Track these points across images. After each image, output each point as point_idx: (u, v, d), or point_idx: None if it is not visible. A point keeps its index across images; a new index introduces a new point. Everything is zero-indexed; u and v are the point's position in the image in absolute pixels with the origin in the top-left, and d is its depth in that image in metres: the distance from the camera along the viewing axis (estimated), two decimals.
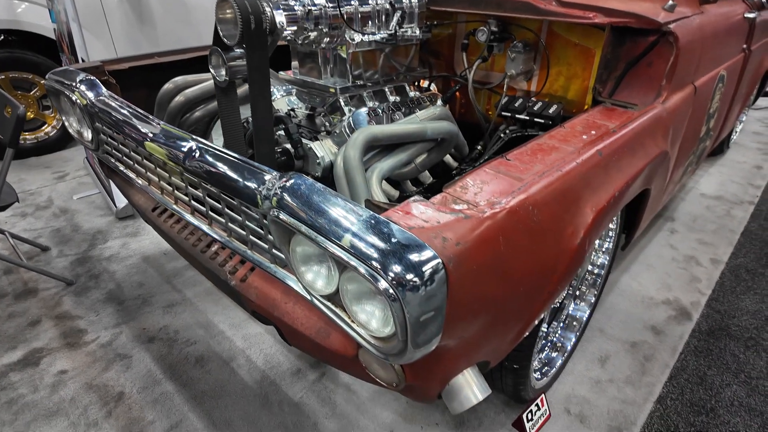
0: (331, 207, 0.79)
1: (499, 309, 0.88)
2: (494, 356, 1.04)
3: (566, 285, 1.01)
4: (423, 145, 1.36)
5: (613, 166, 1.10)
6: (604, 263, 1.63)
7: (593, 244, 1.04)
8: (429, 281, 0.70)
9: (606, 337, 1.73)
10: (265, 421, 1.39)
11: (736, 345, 1.71)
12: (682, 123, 1.57)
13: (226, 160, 1.05)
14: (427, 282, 0.70)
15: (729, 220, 2.53)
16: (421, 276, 0.69)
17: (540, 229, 0.88)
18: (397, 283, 0.69)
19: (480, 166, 1.02)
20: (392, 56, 1.59)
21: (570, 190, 0.96)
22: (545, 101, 1.59)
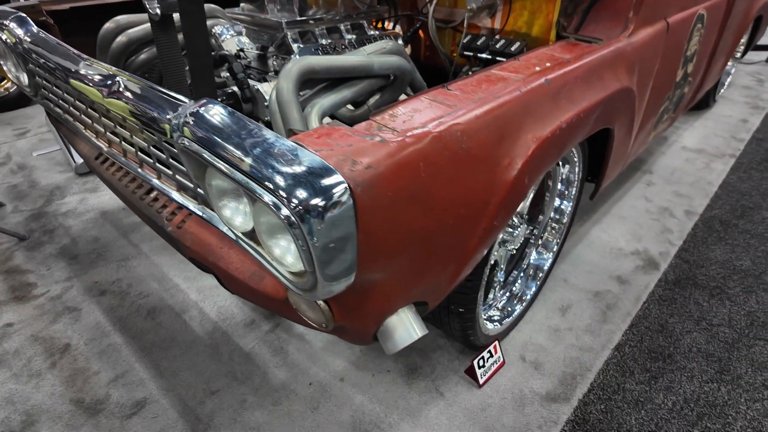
0: (237, 132, 0.72)
1: (425, 242, 0.83)
2: (432, 297, 1.00)
3: (504, 221, 0.96)
4: (372, 83, 1.27)
5: (564, 96, 1.03)
6: (567, 210, 1.57)
7: (535, 178, 0.97)
8: (332, 206, 0.64)
9: (569, 286, 1.70)
10: (213, 371, 1.37)
11: (701, 294, 1.68)
12: (652, 61, 1.49)
13: (142, 91, 0.97)
14: (331, 207, 0.64)
15: (708, 172, 2.47)
16: (323, 200, 0.63)
17: (470, 157, 0.82)
18: (297, 208, 0.63)
19: (417, 95, 0.95)
20: None
21: (508, 119, 0.89)
22: (508, 39, 1.49)
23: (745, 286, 1.72)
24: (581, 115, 1.06)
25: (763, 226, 2.05)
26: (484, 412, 1.27)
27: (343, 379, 1.35)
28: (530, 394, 1.32)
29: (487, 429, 1.23)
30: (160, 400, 1.28)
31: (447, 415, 1.26)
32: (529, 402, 1.30)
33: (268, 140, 0.70)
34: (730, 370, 1.41)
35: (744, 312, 1.61)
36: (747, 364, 1.42)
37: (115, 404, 1.27)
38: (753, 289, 1.71)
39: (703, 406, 1.30)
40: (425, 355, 1.42)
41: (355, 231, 0.68)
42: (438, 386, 1.33)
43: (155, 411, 1.25)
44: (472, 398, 1.30)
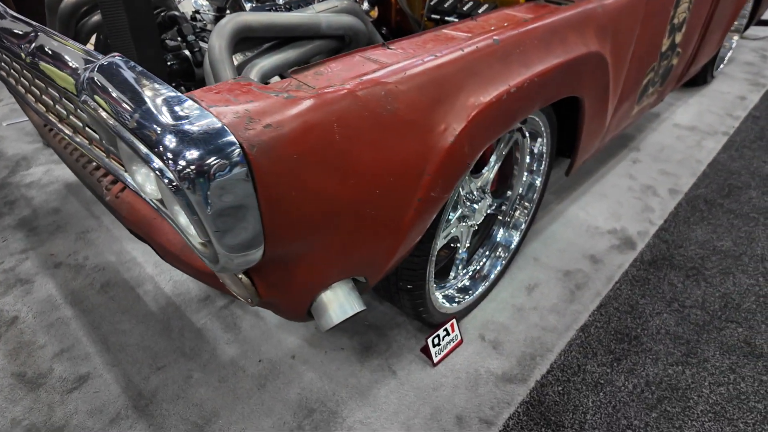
0: (136, 90, 0.65)
1: (350, 213, 0.76)
2: (371, 273, 0.94)
3: (445, 192, 0.89)
4: (323, 44, 1.19)
5: (516, 59, 0.95)
6: (536, 186, 1.50)
7: (479, 147, 0.90)
8: (221, 168, 0.58)
9: (539, 265, 1.64)
10: (161, 346, 1.33)
11: (677, 274, 1.62)
12: (630, 26, 1.39)
13: (58, 48, 0.90)
14: (218, 169, 0.58)
15: (698, 150, 2.38)
16: (208, 162, 0.57)
17: (396, 120, 0.75)
18: (180, 171, 0.57)
19: (353, 52, 0.87)
20: None
21: (445, 80, 0.81)
22: (477, 1, 1.40)
23: (723, 267, 1.66)
24: (536, 80, 0.98)
25: (749, 206, 1.98)
26: (435, 391, 1.23)
27: (295, 357, 1.31)
28: (486, 374, 1.27)
29: (436, 409, 1.19)
30: (104, 375, 1.25)
31: (397, 394, 1.22)
32: (484, 382, 1.25)
33: (163, 97, 0.63)
34: (698, 353, 1.36)
35: (719, 294, 1.55)
36: (715, 347, 1.37)
37: (57, 378, 1.24)
38: (731, 270, 1.65)
39: (665, 389, 1.26)
40: (382, 333, 1.38)
41: (254, 197, 0.62)
42: (391, 364, 1.29)
43: (97, 386, 1.22)
44: (425, 377, 1.26)
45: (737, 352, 1.36)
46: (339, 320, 0.90)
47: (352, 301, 0.92)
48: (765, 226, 1.86)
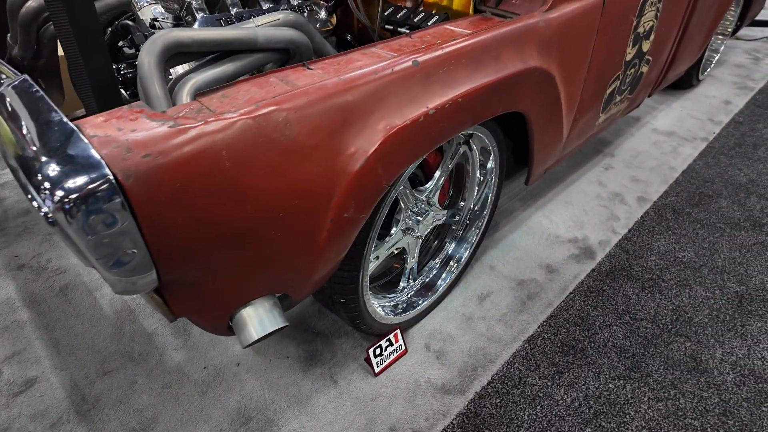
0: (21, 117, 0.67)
1: (253, 235, 0.78)
2: (293, 290, 0.96)
3: (361, 212, 0.90)
4: (264, 57, 1.19)
5: (438, 79, 0.95)
6: (487, 199, 1.50)
7: (396, 169, 0.91)
8: (92, 200, 0.59)
9: (495, 273, 1.65)
10: (111, 350, 1.36)
11: (633, 286, 1.62)
12: (582, 38, 1.38)
13: None
14: (90, 201, 0.59)
15: (673, 157, 2.37)
16: (79, 193, 0.59)
17: (297, 145, 0.76)
18: (55, 202, 0.58)
19: (268, 72, 0.88)
20: None
21: (354, 104, 0.82)
22: (428, 12, 1.40)
23: (681, 279, 1.65)
24: (461, 100, 0.98)
25: (717, 215, 1.96)
26: (373, 401, 1.25)
27: (240, 364, 1.33)
28: (425, 385, 1.29)
29: (371, 420, 1.21)
30: (51, 379, 1.28)
31: (335, 404, 1.24)
32: (422, 393, 1.27)
33: (48, 126, 0.65)
34: (642, 367, 1.36)
35: (672, 306, 1.55)
36: (660, 362, 1.37)
37: (5, 382, 1.27)
38: (688, 282, 1.64)
39: (603, 403, 1.27)
40: (328, 341, 1.40)
41: (134, 225, 0.64)
42: (334, 374, 1.31)
43: (43, 390, 1.25)
44: (365, 387, 1.28)
45: (681, 367, 1.36)
46: (258, 336, 0.92)
47: (273, 318, 0.93)
48: (730, 237, 1.85)
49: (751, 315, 1.52)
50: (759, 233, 1.87)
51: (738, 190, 2.13)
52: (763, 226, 1.90)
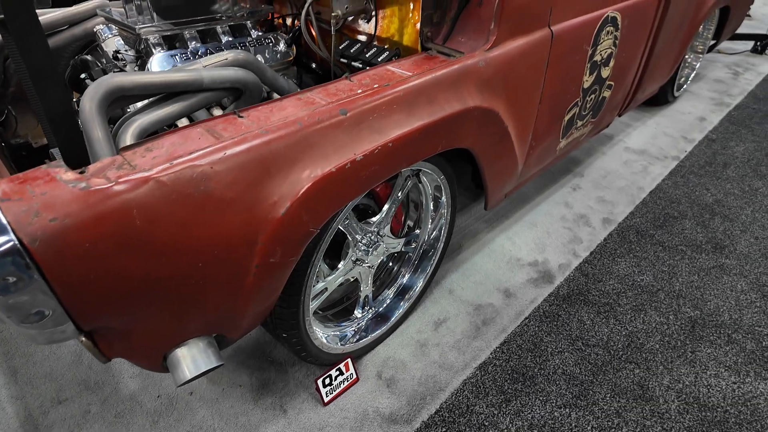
0: None
1: (173, 285, 0.81)
2: (227, 330, 0.99)
3: (289, 256, 0.93)
4: (212, 95, 1.22)
5: (368, 126, 0.98)
6: (441, 230, 1.53)
7: (323, 214, 0.94)
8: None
9: (453, 298, 1.68)
10: (68, 379, 1.39)
11: (589, 311, 1.65)
12: (531, 73, 1.41)
13: None
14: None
15: (642, 176, 2.39)
16: None
17: (213, 199, 0.79)
18: None
19: (198, 122, 0.91)
20: None
21: (276, 156, 0.85)
22: (381, 47, 1.43)
23: (637, 304, 1.68)
24: (391, 145, 1.01)
25: (680, 237, 1.99)
26: (320, 431, 1.27)
27: (193, 393, 1.36)
28: (373, 414, 1.31)
29: None
30: (7, 409, 1.31)
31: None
32: (370, 423, 1.30)
33: None
34: (589, 395, 1.39)
35: (625, 332, 1.58)
36: (607, 390, 1.40)
37: None
38: (644, 307, 1.67)
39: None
40: (282, 370, 1.42)
41: (43, 285, 0.67)
42: (284, 403, 1.34)
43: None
44: (313, 417, 1.30)
45: (628, 395, 1.39)
46: (192, 375, 0.95)
47: (207, 357, 0.96)
48: (690, 259, 1.88)
49: (702, 341, 1.55)
50: (719, 256, 1.90)
51: (703, 210, 2.16)
52: (724, 249, 1.93)
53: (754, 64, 3.93)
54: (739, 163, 2.52)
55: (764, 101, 3.25)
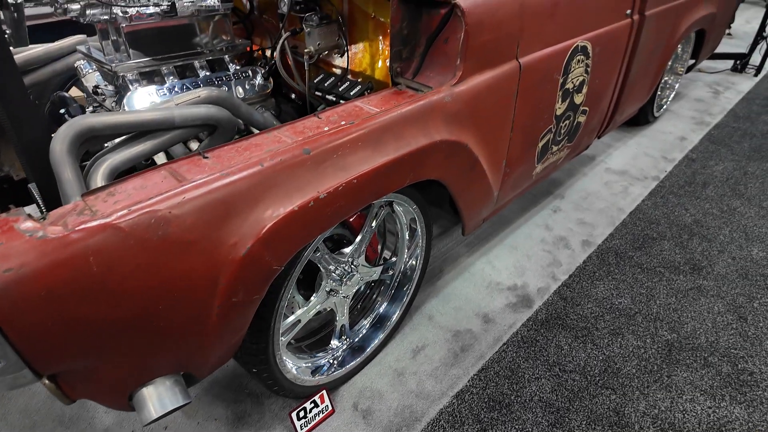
0: None
1: (134, 328, 0.82)
2: (194, 369, 1.00)
3: (252, 295, 0.94)
4: (183, 133, 1.25)
5: (332, 164, 1.00)
6: (416, 260, 1.55)
7: (287, 251, 0.96)
8: None
9: (432, 324, 1.68)
10: (43, 414, 1.38)
11: (566, 336, 1.66)
12: (500, 105, 1.45)
13: None
14: None
15: (623, 197, 2.43)
16: None
17: (173, 243, 0.81)
18: None
19: (163, 165, 0.93)
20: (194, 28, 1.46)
21: (237, 197, 0.87)
22: (354, 81, 1.47)
23: (614, 328, 1.69)
24: (356, 182, 1.03)
25: (658, 259, 2.01)
26: None
27: (167, 427, 1.35)
28: None
29: None
30: None
31: None
32: None
33: None
34: (565, 422, 1.39)
35: (602, 357, 1.58)
36: (583, 417, 1.40)
37: None
38: (621, 331, 1.68)
39: None
40: (258, 402, 1.42)
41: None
42: None
43: None
44: None
45: (603, 422, 1.39)
46: (158, 414, 0.95)
47: (174, 395, 0.97)
48: (668, 281, 1.90)
49: (678, 365, 1.55)
50: (697, 277, 1.91)
51: (682, 231, 2.18)
52: (702, 270, 1.95)
53: (734, 82, 4.01)
54: (718, 183, 2.56)
55: (744, 120, 3.31)
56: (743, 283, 1.88)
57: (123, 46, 1.38)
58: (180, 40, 1.48)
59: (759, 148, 2.91)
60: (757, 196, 2.44)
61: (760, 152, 2.87)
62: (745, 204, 2.38)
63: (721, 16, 3.13)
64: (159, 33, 1.42)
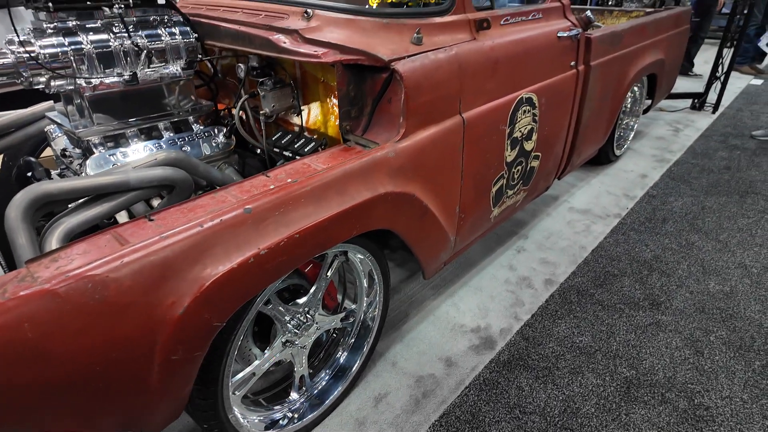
0: None
1: (73, 390, 0.85)
2: (144, 426, 1.01)
3: (193, 352, 0.97)
4: (140, 194, 1.31)
5: (273, 221, 1.06)
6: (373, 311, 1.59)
7: (228, 308, 1.00)
8: None
9: (396, 370, 1.70)
10: None
11: (528, 376, 1.68)
12: (448, 156, 1.53)
13: None
14: None
15: (585, 236, 2.50)
16: None
17: (110, 306, 0.85)
18: None
19: (109, 228, 0.98)
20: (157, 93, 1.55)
21: (175, 258, 0.92)
22: (309, 137, 1.56)
23: (575, 367, 1.72)
24: (298, 236, 1.09)
25: (618, 295, 2.06)
26: None
27: None
28: None
29: None
30: None
31: None
32: None
33: None
34: None
35: (562, 397, 1.60)
36: None
37: None
38: (581, 369, 1.70)
39: None
40: None
41: None
42: None
43: None
44: None
45: None
46: None
47: None
48: (628, 317, 1.94)
49: (636, 402, 1.58)
50: (655, 312, 1.96)
51: (642, 267, 2.25)
52: (660, 305, 2.00)
53: (693, 120, 4.21)
54: (677, 218, 2.66)
55: (702, 156, 3.46)
56: (700, 317, 1.93)
57: (87, 112, 1.46)
58: (144, 104, 1.57)
59: (716, 183, 3.04)
60: (714, 230, 2.53)
61: (716, 187, 2.99)
62: (702, 238, 2.46)
63: (671, 61, 3.34)
64: (123, 98, 1.50)
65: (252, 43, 1.48)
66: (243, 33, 1.49)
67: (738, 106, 4.58)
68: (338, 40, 1.36)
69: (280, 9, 1.57)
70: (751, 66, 5.74)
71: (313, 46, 1.37)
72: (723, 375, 1.66)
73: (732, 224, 2.58)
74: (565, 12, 2.09)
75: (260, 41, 1.45)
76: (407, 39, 1.44)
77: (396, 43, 1.42)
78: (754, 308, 1.97)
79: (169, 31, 1.53)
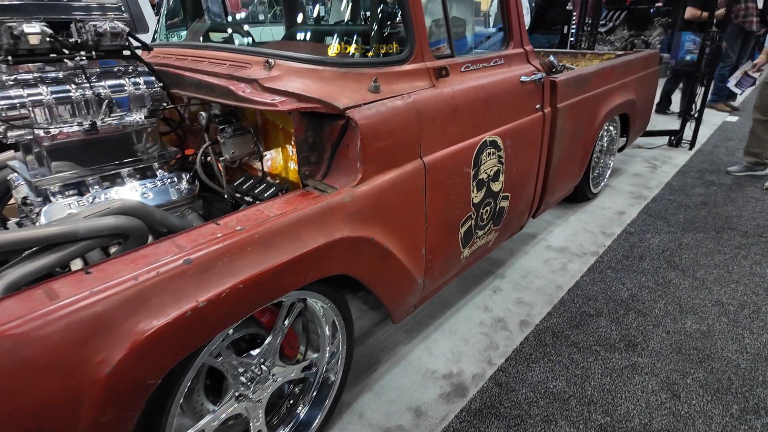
0: None
1: None
2: None
3: (126, 411, 0.93)
4: (91, 243, 1.28)
5: (217, 271, 1.04)
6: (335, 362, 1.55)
7: (165, 363, 0.96)
8: None
9: (363, 422, 1.63)
10: None
11: (499, 425, 1.62)
12: (410, 199, 1.53)
13: None
14: None
15: (561, 274, 2.48)
16: None
17: (31, 366, 0.81)
18: None
19: (43, 282, 0.96)
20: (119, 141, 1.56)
21: (105, 312, 0.89)
22: (271, 182, 1.56)
23: (548, 414, 1.66)
24: (242, 286, 1.06)
25: (594, 337, 2.02)
26: None
27: None
28: None
29: None
30: None
31: None
32: None
33: None
34: None
35: None
36: None
37: None
38: (554, 417, 1.64)
39: None
40: None
41: None
42: None
43: None
44: None
45: None
46: None
47: None
48: (603, 360, 1.89)
49: None
50: (632, 354, 1.92)
51: (618, 306, 2.22)
52: (636, 347, 1.96)
53: (670, 157, 4.29)
54: (654, 255, 2.65)
55: (679, 192, 3.50)
56: (677, 358, 1.89)
57: (45, 161, 1.46)
58: (106, 152, 1.57)
59: (693, 219, 3.05)
60: (691, 267, 2.52)
61: (693, 223, 3.00)
62: (679, 275, 2.45)
63: (642, 101, 3.44)
64: (84, 146, 1.51)
65: (214, 91, 1.50)
66: (205, 83, 1.52)
67: (714, 142, 4.68)
68: (297, 89, 1.38)
69: (244, 59, 1.61)
70: (726, 104, 5.91)
71: (272, 95, 1.39)
72: (700, 420, 1.61)
73: (709, 261, 2.57)
74: (528, 57, 2.15)
75: (221, 90, 1.47)
76: (365, 87, 1.47)
77: (354, 91, 1.44)
78: (731, 348, 1.93)
79: (133, 81, 1.56)
